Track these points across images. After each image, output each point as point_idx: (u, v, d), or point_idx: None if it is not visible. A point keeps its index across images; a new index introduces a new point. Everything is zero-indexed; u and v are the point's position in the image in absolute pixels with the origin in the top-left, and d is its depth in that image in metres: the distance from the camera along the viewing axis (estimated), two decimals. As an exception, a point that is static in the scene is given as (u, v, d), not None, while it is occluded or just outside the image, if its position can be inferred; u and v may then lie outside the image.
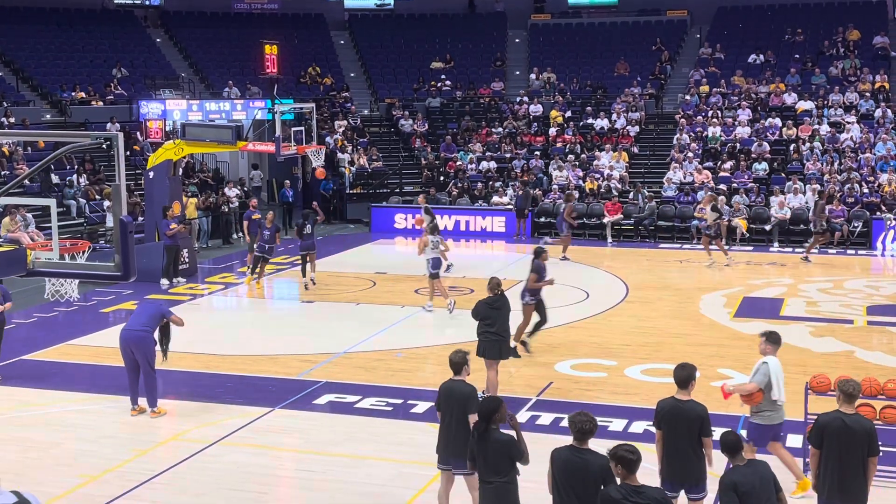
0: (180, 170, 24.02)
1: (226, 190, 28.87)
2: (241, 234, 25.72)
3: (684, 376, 8.33)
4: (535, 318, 15.01)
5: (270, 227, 20.67)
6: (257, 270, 20.85)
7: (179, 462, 10.92)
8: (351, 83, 38.47)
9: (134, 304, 17.99)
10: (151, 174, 22.64)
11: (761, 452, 9.54)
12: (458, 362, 8.95)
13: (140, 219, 23.44)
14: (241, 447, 11.40)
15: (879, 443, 7.97)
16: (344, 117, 35.22)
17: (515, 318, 14.17)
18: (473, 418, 8.43)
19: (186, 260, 22.00)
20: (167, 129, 31.29)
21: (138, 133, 31.24)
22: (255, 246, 20.93)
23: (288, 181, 30.06)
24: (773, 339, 9.95)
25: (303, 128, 24.60)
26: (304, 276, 20.75)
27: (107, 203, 25.90)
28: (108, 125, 29.85)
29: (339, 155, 32.80)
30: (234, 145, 23.18)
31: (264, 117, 29.05)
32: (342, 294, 20.26)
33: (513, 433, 7.82)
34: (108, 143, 10.99)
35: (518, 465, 7.75)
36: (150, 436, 11.78)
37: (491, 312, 12.43)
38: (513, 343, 13.88)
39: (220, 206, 27.90)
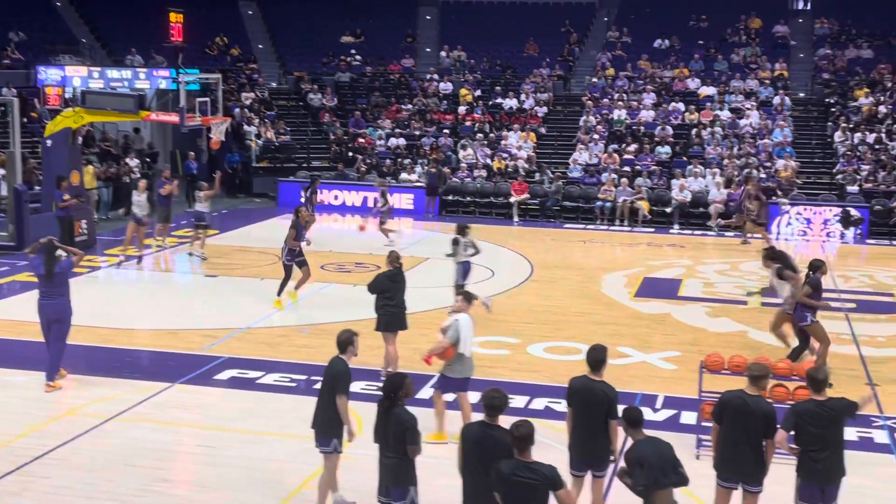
0: (80, 139, 23.35)
1: (127, 160, 28.17)
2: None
3: (597, 359, 8.42)
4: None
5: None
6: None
7: (74, 438, 10.68)
8: (259, 55, 37.86)
9: (29, 275, 17.45)
10: (49, 142, 21.94)
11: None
12: (344, 341, 8.93)
13: (37, 188, 22.72)
14: (139, 423, 11.20)
15: (778, 426, 8.15)
16: (251, 89, 34.66)
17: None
18: (341, 401, 8.57)
19: (85, 231, 21.42)
20: (66, 96, 30.33)
21: (36, 100, 30.22)
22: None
23: (192, 153, 29.51)
24: (467, 298, 10.64)
25: (208, 99, 24.16)
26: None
27: (1, 171, 25.04)
28: (4, 91, 28.80)
29: (246, 127, 32.31)
30: (136, 115, 22.61)
31: (168, 87, 28.41)
32: (247, 269, 20.02)
33: (416, 412, 7.84)
34: (3, 108, 10.63)
35: (420, 441, 7.77)
36: (43, 411, 11.48)
37: (391, 286, 12.54)
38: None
39: (121, 177, 27.21)
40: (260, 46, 38.76)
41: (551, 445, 9.28)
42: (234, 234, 23.95)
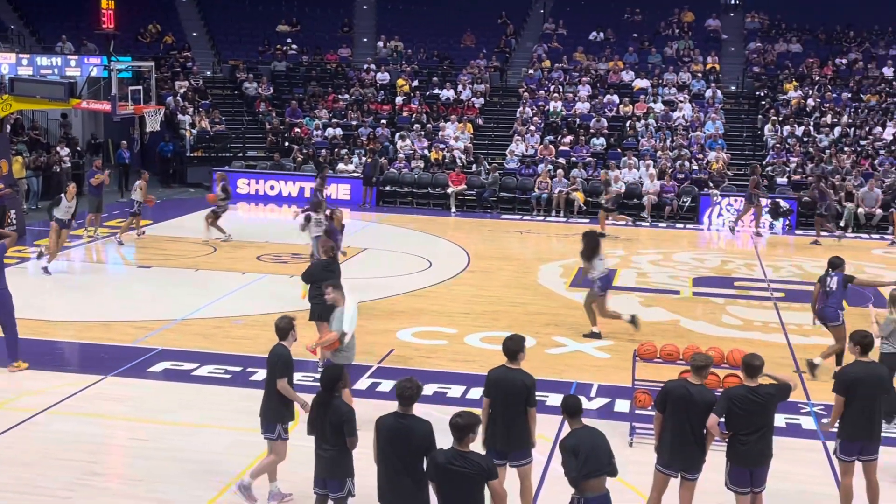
0: (8, 127, 22.81)
1: (58, 149, 27.60)
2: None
3: (513, 349, 8.47)
4: None
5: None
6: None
7: (3, 432, 10.47)
8: (193, 43, 37.32)
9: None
10: (-25, 130, 21.40)
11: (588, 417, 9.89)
12: (284, 327, 8.95)
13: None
14: (70, 416, 11.03)
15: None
16: (185, 78, 34.17)
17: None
18: (281, 383, 8.57)
19: (14, 221, 20.95)
20: (-7, 83, 29.57)
21: (-39, 86, 29.42)
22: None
23: (125, 142, 29.01)
24: (338, 288, 10.74)
25: (141, 87, 23.78)
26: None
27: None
28: (-73, 76, 28.02)
29: (180, 116, 31.86)
30: (66, 102, 22.14)
31: (100, 75, 27.84)
32: (181, 259, 19.78)
33: (353, 404, 7.87)
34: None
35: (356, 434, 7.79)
36: (-29, 405, 11.25)
37: (325, 275, 12.51)
38: None
39: (51, 166, 26.65)
40: (194, 34, 38.21)
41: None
42: (169, 224, 23.62)
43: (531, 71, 34.90)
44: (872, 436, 8.73)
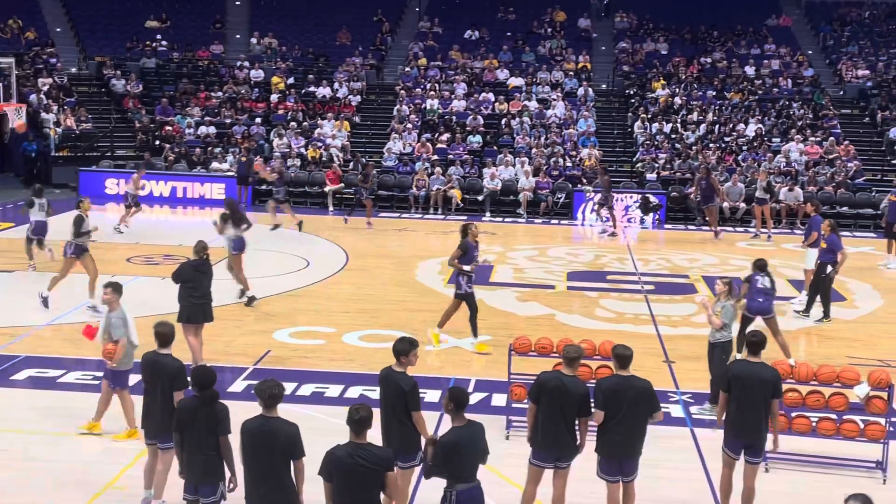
0: None
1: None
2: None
3: (397, 349, 8.31)
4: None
5: None
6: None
7: None
8: (57, 38, 35.99)
9: None
10: None
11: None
12: (168, 334, 8.71)
13: None
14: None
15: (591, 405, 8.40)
16: (49, 75, 32.93)
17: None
18: (179, 395, 8.30)
19: None
20: None
21: None
22: None
23: (-16, 141, 27.86)
24: (116, 290, 10.44)
25: (1, 84, 22.82)
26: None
27: None
28: None
29: (44, 115, 30.68)
30: (-81, 100, 21.10)
31: (-44, 71, 26.62)
32: (47, 263, 19.03)
33: (225, 405, 7.70)
34: None
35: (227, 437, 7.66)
36: None
37: (196, 275, 12.28)
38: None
39: None
40: (58, 30, 36.85)
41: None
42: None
43: (407, 69, 34.96)
44: (757, 437, 8.70)
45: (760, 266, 13.31)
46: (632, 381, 8.34)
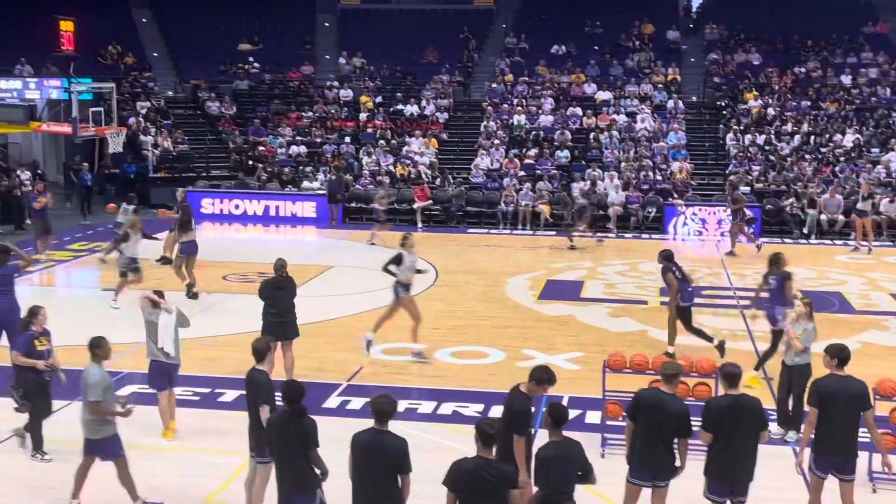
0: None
1: (18, 172, 27.26)
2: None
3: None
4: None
5: None
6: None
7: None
8: (154, 63, 37.10)
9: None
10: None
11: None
12: (262, 350, 8.85)
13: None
14: None
15: (694, 425, 8.20)
16: (146, 98, 33.95)
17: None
18: (264, 410, 8.41)
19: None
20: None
21: (-81, 111, 28.99)
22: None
23: (86, 164, 28.72)
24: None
25: (102, 108, 23.59)
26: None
27: None
28: None
29: (142, 137, 31.60)
30: (26, 125, 21.95)
31: (60, 97, 27.58)
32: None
33: (313, 419, 7.78)
34: None
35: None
36: None
37: (273, 293, 12.48)
38: None
39: (11, 190, 26.32)
40: (155, 54, 37.99)
41: (453, 447, 9.30)
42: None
43: (494, 85, 35.03)
44: (848, 453, 8.45)
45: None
46: (741, 400, 8.11)
